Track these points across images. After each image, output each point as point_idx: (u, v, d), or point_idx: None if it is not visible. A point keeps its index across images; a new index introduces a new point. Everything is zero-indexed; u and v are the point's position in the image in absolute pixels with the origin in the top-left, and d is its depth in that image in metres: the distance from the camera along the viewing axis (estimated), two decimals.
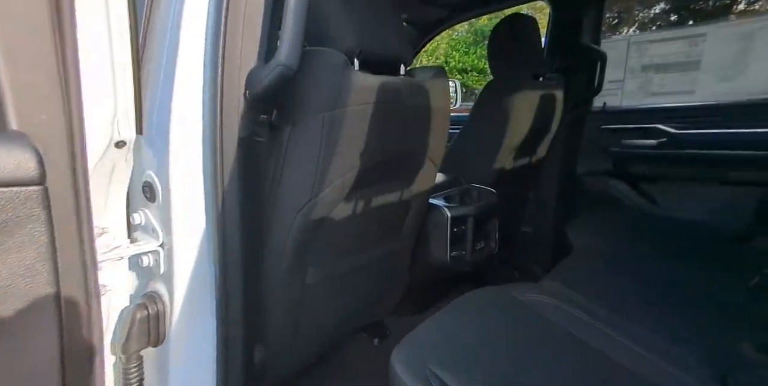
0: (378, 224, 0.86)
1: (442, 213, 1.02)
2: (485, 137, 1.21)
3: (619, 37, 1.37)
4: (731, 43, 1.22)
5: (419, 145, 0.81)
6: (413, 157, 0.81)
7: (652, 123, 1.40)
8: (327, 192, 0.64)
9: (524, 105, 1.21)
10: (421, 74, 0.78)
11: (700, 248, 1.13)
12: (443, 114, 0.81)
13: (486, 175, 1.25)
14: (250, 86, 0.53)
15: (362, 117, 0.64)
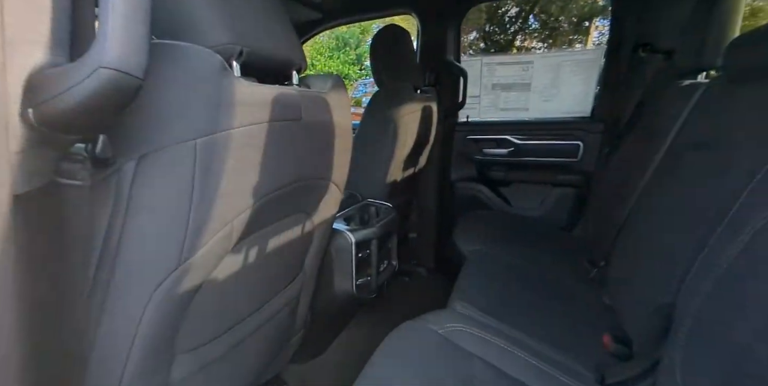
0: (275, 271, 0.69)
1: (345, 238, 0.90)
2: (377, 149, 1.15)
3: (475, 58, 1.51)
4: (548, 70, 1.51)
5: (322, 169, 0.68)
6: (316, 183, 0.68)
7: (503, 134, 1.64)
8: (206, 249, 0.46)
9: (411, 117, 1.21)
10: (317, 83, 0.65)
11: (546, 241, 1.35)
12: (346, 130, 0.70)
13: (380, 188, 1.20)
14: (37, 102, 0.30)
15: (254, 141, 0.48)
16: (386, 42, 1.18)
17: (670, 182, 0.75)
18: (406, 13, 1.63)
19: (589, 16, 11.60)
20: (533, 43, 13.35)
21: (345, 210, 1.06)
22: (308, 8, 1.51)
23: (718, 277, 0.45)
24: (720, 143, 0.61)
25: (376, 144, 1.16)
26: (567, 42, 12.93)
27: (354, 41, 9.26)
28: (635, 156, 1.13)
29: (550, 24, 11.85)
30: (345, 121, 0.69)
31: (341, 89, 0.68)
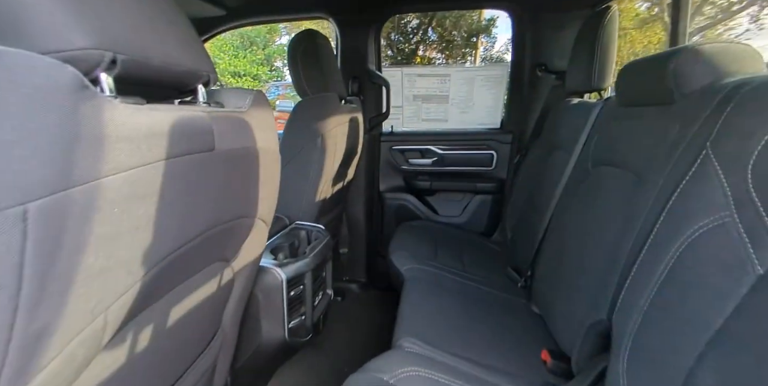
0: (181, 343, 0.53)
1: (274, 276, 0.77)
2: (304, 166, 1.04)
3: (396, 68, 1.51)
4: (464, 84, 1.60)
5: (246, 205, 0.55)
6: (238, 224, 0.54)
7: (427, 145, 1.68)
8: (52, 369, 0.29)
9: (339, 129, 1.13)
10: (232, 99, 0.51)
11: (472, 249, 1.42)
12: (272, 154, 0.58)
13: (310, 207, 1.09)
14: None
15: (141, 190, 0.34)
16: (308, 49, 1.08)
17: (585, 196, 0.83)
18: (322, 18, 1.54)
19: (476, 32, 13.09)
20: (433, 53, 14.44)
21: (271, 239, 0.93)
22: (208, 3, 1.31)
23: (651, 298, 0.49)
24: (627, 161, 0.69)
25: (302, 160, 1.05)
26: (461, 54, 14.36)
27: (261, 40, 8.71)
28: (545, 167, 1.26)
29: (446, 37, 13.01)
30: (271, 143, 0.57)
31: (263, 105, 0.56)
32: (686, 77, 0.57)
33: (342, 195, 1.49)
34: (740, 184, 0.41)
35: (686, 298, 0.45)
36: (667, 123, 0.59)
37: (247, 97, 0.52)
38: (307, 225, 1.05)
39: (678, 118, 0.57)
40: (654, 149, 0.60)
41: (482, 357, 0.76)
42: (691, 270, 0.45)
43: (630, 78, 0.75)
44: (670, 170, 0.53)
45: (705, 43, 0.57)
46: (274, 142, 0.59)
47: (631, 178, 0.65)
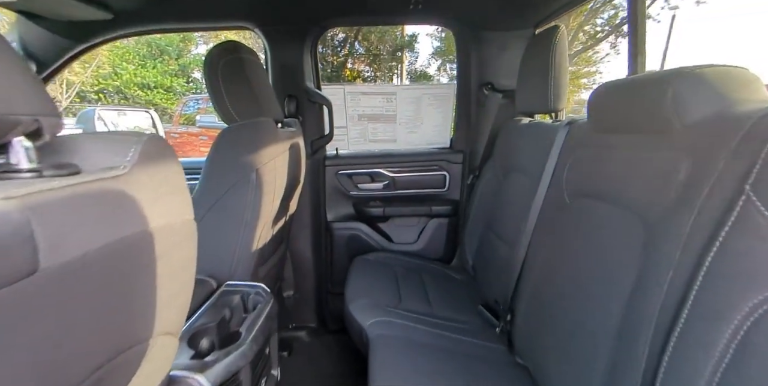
0: None
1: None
2: (236, 209, 0.81)
3: (336, 86, 1.36)
4: (411, 102, 1.51)
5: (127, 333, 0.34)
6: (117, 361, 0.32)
7: (376, 167, 1.54)
8: None
9: (279, 160, 0.93)
10: (95, 151, 0.30)
11: (435, 282, 1.31)
12: (181, 231, 0.38)
13: (245, 260, 0.86)
14: None
15: None
16: (231, 64, 0.86)
17: (569, 232, 0.75)
18: (244, 29, 1.33)
19: (400, 47, 13.66)
20: (362, 66, 14.69)
21: (190, 320, 0.68)
22: (89, 5, 1.01)
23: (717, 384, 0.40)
24: (621, 198, 0.63)
25: (232, 202, 0.82)
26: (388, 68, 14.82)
27: (174, 50, 7.83)
28: (504, 190, 1.21)
29: (373, 51, 13.34)
30: (178, 214, 0.37)
31: (162, 157, 0.35)
32: (688, 104, 0.51)
33: (284, 233, 1.27)
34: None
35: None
36: (670, 156, 0.53)
37: (128, 146, 0.31)
38: (241, 286, 0.82)
39: (686, 152, 0.50)
40: (659, 187, 0.53)
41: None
42: (761, 359, 0.36)
43: (608, 101, 0.70)
44: (695, 217, 0.45)
45: (704, 67, 0.52)
46: (184, 210, 0.38)
47: (632, 219, 0.58)
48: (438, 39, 13.21)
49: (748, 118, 0.43)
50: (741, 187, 0.41)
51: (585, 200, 0.73)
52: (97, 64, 6.99)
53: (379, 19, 1.38)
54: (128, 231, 0.30)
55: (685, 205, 0.47)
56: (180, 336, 0.61)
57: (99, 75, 7.12)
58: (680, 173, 0.50)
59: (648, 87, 0.57)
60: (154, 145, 0.34)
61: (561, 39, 0.97)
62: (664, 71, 0.56)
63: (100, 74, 7.12)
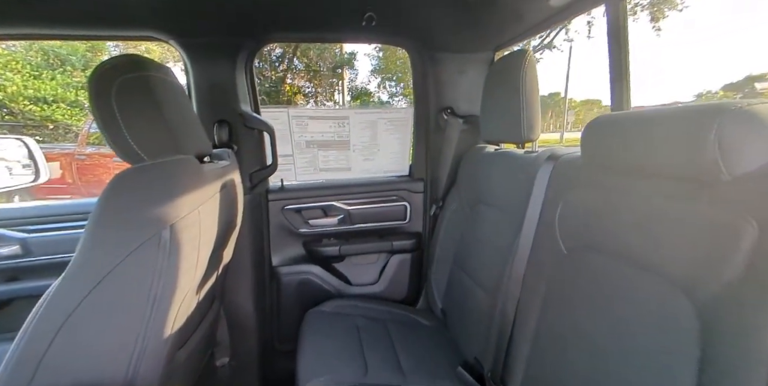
0: None
1: None
2: (137, 284, 0.56)
3: (279, 109, 1.16)
4: (365, 127, 1.36)
5: None
6: None
7: (329, 200, 1.35)
8: None
9: (207, 206, 0.70)
10: None
11: (401, 334, 1.14)
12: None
13: (152, 350, 0.60)
14: None
15: None
16: (131, 85, 0.62)
17: (579, 292, 0.64)
18: (155, 40, 1.07)
19: (340, 64, 13.77)
20: (302, 81, 14.43)
21: None
22: None
23: None
24: (652, 263, 0.52)
25: (133, 273, 0.57)
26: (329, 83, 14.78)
27: (78, 59, 6.76)
28: (472, 225, 1.10)
29: (313, 67, 13.20)
30: None
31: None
32: (740, 151, 0.42)
33: (216, 290, 1.00)
34: None
35: None
36: (720, 214, 0.43)
37: None
38: None
39: (744, 212, 0.41)
40: (713, 257, 0.43)
41: None
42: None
43: (615, 137, 0.60)
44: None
45: (754, 104, 0.43)
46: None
47: (675, 294, 0.46)
48: (375, 58, 13.55)
49: None
50: None
51: (592, 254, 0.62)
52: None
53: (325, 35, 1.22)
54: None
55: (765, 293, 0.37)
56: None
57: None
58: (744, 239, 0.40)
59: (679, 124, 0.48)
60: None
61: (530, 64, 0.90)
62: (701, 105, 0.47)
63: None
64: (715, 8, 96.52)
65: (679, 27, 9.25)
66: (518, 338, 0.77)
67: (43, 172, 1.31)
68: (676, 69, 62.46)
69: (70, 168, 4.58)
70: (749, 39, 69.65)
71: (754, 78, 23.16)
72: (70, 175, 4.59)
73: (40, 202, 1.31)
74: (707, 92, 28.03)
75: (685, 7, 8.79)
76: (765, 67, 21.70)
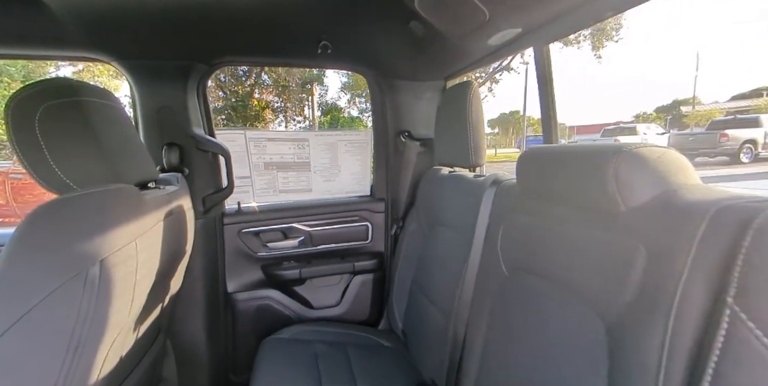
0: None
1: None
2: (58, 326, 0.52)
3: (237, 131, 1.15)
4: (325, 149, 1.38)
5: None
6: None
7: (289, 222, 1.33)
8: None
9: (147, 239, 0.66)
10: None
11: (360, 359, 1.12)
12: None
13: None
14: None
15: None
16: (56, 114, 0.58)
17: (515, 310, 0.68)
18: (98, 61, 1.03)
19: (310, 80, 13.83)
20: (270, 96, 14.27)
21: None
22: None
23: None
24: (570, 284, 0.57)
25: (52, 317, 0.53)
26: (298, 99, 14.74)
27: (18, 71, 6.29)
28: (430, 246, 1.12)
29: (281, 82, 13.15)
30: None
31: None
32: (632, 186, 0.48)
33: (161, 324, 0.94)
34: None
35: None
36: (620, 241, 0.49)
37: None
38: None
39: (637, 240, 0.46)
40: (615, 279, 0.48)
41: None
42: None
43: (540, 169, 0.66)
44: (671, 335, 0.39)
45: (641, 146, 0.50)
46: None
47: (590, 315, 0.51)
48: (345, 75, 13.77)
49: (705, 211, 0.40)
50: (722, 297, 0.35)
51: (528, 276, 0.66)
52: None
53: (282, 60, 1.24)
54: None
55: (654, 313, 0.42)
56: None
57: None
58: (636, 264, 0.45)
59: (588, 161, 0.54)
60: None
61: (475, 95, 0.97)
62: (602, 146, 0.53)
63: None
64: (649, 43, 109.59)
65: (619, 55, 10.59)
66: (467, 358, 0.79)
67: None
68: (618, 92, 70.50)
69: (3, 188, 4.17)
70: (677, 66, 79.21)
71: (680, 102, 26.22)
72: (3, 196, 4.18)
73: None
74: (643, 113, 31.13)
75: (620, 39, 9.86)
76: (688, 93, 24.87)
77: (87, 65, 6.52)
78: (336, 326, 1.30)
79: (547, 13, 0.74)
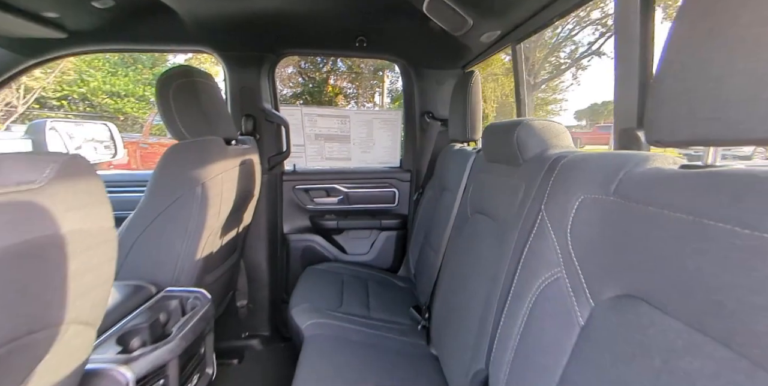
0: None
1: (114, 379, 0.60)
2: (179, 221, 0.91)
3: (295, 107, 1.50)
4: (363, 125, 1.67)
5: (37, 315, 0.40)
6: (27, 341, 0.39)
7: (332, 183, 1.67)
8: None
9: (227, 175, 1.03)
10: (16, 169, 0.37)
11: (378, 289, 1.43)
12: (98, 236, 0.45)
13: (188, 268, 0.94)
14: None
15: None
16: (182, 87, 0.96)
17: (466, 240, 0.91)
18: (202, 52, 1.45)
19: (381, 67, 14.10)
20: (344, 83, 14.90)
21: (123, 319, 0.75)
22: (38, 24, 1.10)
23: (515, 348, 0.54)
24: (493, 213, 0.79)
25: (177, 213, 0.91)
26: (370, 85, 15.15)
27: (148, 59, 7.78)
28: (437, 206, 1.37)
29: (355, 69, 13.67)
30: (94, 221, 0.44)
31: (79, 173, 0.42)
32: (525, 146, 0.69)
33: (237, 243, 1.35)
34: (565, 245, 0.49)
35: (537, 350, 0.50)
36: (516, 182, 0.70)
37: (46, 166, 0.38)
38: (180, 292, 0.90)
39: (523, 179, 0.67)
40: (509, 205, 0.69)
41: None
42: (538, 322, 0.51)
43: (489, 138, 0.87)
44: (521, 227, 0.61)
45: (535, 120, 0.69)
46: (100, 218, 0.46)
47: (497, 229, 0.74)
48: None
49: (549, 158, 0.60)
50: (540, 206, 0.56)
51: (477, 215, 0.89)
52: (61, 70, 6.81)
53: (330, 51, 1.55)
54: (37, 234, 0.37)
55: (518, 218, 0.63)
56: (109, 334, 0.69)
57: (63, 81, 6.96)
58: (519, 194, 0.66)
59: (506, 131, 0.74)
60: (73, 163, 0.41)
61: (475, 82, 1.16)
62: (513, 120, 0.73)
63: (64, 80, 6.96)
64: None
65: None
66: (440, 279, 1.05)
67: (119, 152, 1.77)
68: None
69: (135, 155, 5.35)
70: None
71: None
72: (134, 161, 5.37)
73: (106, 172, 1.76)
74: None
75: None
76: None
77: (194, 55, 7.79)
78: (363, 267, 1.62)
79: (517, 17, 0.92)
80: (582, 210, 0.48)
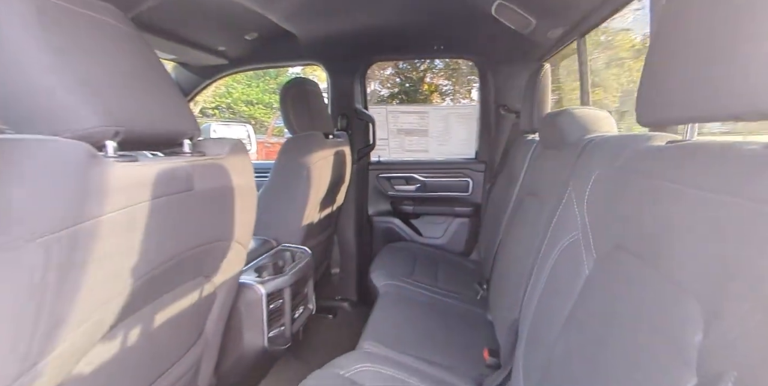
0: (166, 344, 0.65)
1: (254, 291, 0.92)
2: (291, 195, 1.25)
3: (381, 106, 1.76)
4: (440, 120, 1.82)
5: (223, 231, 0.69)
6: (216, 246, 0.69)
7: (410, 173, 1.88)
8: (64, 347, 0.41)
9: (324, 162, 1.34)
10: (213, 148, 0.67)
11: (448, 267, 1.58)
12: (248, 190, 0.74)
13: (296, 231, 1.28)
14: None
15: (133, 223, 0.46)
16: (297, 94, 1.31)
17: (518, 220, 1.01)
18: (314, 65, 1.82)
19: None
20: (440, 80, 14.93)
21: (257, 259, 1.09)
22: (212, 55, 1.59)
23: (540, 296, 0.65)
24: (540, 192, 0.87)
25: (290, 189, 1.25)
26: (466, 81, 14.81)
27: (274, 71, 9.34)
28: (503, 194, 1.45)
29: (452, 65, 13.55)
30: (246, 182, 0.71)
31: (240, 152, 0.70)
32: (566, 132, 0.77)
33: (332, 220, 1.68)
34: (582, 212, 0.59)
35: (554, 297, 0.61)
36: (559, 164, 0.78)
37: (226, 146, 0.68)
38: (292, 247, 1.23)
39: (563, 161, 0.76)
40: (551, 184, 0.79)
41: (432, 356, 0.91)
42: (557, 276, 0.61)
43: (545, 126, 0.95)
44: (555, 201, 0.71)
45: (576, 108, 0.77)
46: (250, 180, 0.75)
47: (540, 206, 0.83)
48: None
49: (583, 141, 0.69)
50: (569, 181, 0.66)
51: (528, 197, 0.98)
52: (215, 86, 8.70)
53: (414, 55, 1.75)
54: (225, 183, 0.67)
55: (553, 194, 0.73)
56: (250, 266, 1.03)
57: (216, 94, 8.85)
58: (563, 174, 0.75)
59: (553, 119, 0.83)
60: (237, 147, 0.72)
61: (545, 76, 1.21)
62: (560, 110, 0.81)
63: (216, 93, 8.85)
64: None
65: None
66: (498, 255, 1.17)
67: (254, 147, 2.32)
68: None
69: (261, 152, 6.53)
70: None
71: None
72: (260, 158, 6.55)
73: None
74: None
75: None
76: None
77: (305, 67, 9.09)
78: (436, 249, 1.80)
79: (575, 14, 0.97)
80: (596, 183, 0.57)
